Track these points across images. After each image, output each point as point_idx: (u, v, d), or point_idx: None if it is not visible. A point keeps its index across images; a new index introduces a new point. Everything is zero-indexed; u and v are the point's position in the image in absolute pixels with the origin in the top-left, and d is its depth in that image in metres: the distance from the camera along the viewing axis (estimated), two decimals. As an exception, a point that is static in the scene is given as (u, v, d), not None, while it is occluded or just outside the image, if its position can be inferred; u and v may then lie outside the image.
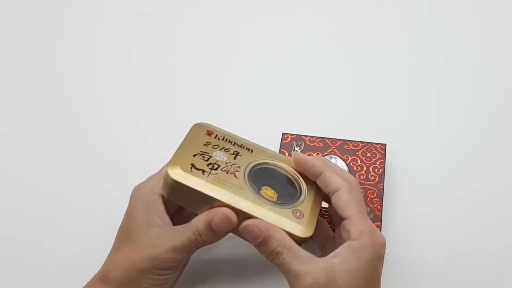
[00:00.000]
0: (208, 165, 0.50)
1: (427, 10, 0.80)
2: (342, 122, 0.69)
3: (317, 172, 0.49)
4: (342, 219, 0.48)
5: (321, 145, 0.63)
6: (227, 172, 0.49)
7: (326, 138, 0.63)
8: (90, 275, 0.51)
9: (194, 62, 0.77)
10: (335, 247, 0.48)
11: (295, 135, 0.64)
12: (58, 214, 0.63)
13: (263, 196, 0.48)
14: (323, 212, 0.55)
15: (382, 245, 0.46)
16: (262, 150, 0.53)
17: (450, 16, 0.80)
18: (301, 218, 0.48)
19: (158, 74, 0.75)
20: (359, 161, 0.61)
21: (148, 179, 0.52)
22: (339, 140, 0.63)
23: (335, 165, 0.51)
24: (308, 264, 0.44)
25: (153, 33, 0.80)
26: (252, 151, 0.52)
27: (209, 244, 0.48)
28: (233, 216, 0.46)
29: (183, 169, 0.48)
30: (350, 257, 0.45)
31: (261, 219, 0.46)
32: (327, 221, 0.54)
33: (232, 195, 0.47)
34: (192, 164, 0.49)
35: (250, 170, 0.51)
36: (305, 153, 0.62)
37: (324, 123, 0.69)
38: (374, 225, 0.47)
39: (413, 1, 0.81)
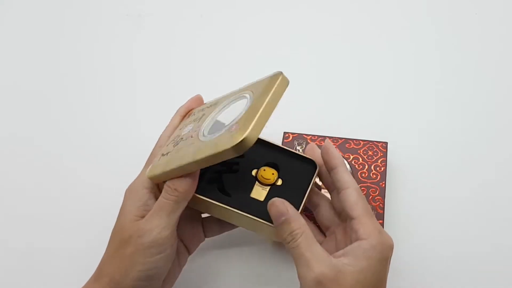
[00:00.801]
0: (174, 145, 0.50)
1: (427, 10, 0.80)
2: (344, 120, 0.69)
3: (334, 164, 0.49)
4: (343, 219, 0.49)
5: (323, 143, 0.62)
6: (186, 139, 0.49)
7: (328, 136, 0.63)
8: (90, 274, 0.51)
9: (194, 62, 0.77)
10: (333, 248, 0.48)
11: (296, 134, 0.64)
12: (58, 214, 0.63)
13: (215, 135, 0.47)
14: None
15: (391, 247, 0.46)
16: (225, 97, 0.52)
17: (450, 16, 0.80)
18: (235, 129, 0.44)
19: (158, 74, 0.75)
20: (360, 160, 0.61)
21: (139, 174, 0.52)
22: (341, 138, 0.63)
23: (345, 173, 0.50)
24: (320, 256, 0.45)
25: (153, 33, 0.80)
26: (216, 104, 0.52)
27: (185, 195, 0.48)
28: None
29: (154, 163, 0.49)
30: (360, 256, 0.45)
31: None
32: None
33: (179, 154, 0.47)
34: (162, 154, 0.50)
35: (207, 124, 0.50)
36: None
37: (325, 122, 0.69)
38: (381, 227, 0.47)
39: (413, 1, 0.81)
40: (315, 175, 0.51)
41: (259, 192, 0.51)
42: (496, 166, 0.65)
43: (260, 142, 0.52)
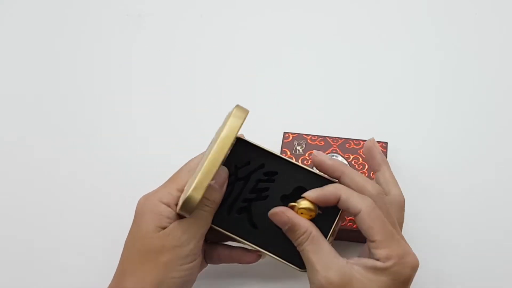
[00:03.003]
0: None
1: (427, 10, 0.80)
2: (344, 120, 0.69)
3: (335, 199, 0.46)
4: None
5: (323, 143, 0.63)
6: None
7: (328, 136, 0.63)
8: (92, 280, 0.51)
9: (194, 62, 0.77)
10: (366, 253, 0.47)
11: (296, 134, 0.64)
12: (59, 219, 0.64)
13: None
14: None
15: (412, 269, 0.45)
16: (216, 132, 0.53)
17: (450, 16, 0.80)
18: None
19: (158, 74, 0.75)
20: (360, 160, 0.61)
21: (156, 189, 0.51)
22: (341, 138, 0.63)
23: (355, 174, 0.48)
24: (326, 259, 0.44)
25: (153, 33, 0.80)
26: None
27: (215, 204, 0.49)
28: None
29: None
30: (370, 271, 0.44)
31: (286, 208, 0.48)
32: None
33: None
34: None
35: None
36: (306, 152, 0.62)
37: (325, 122, 0.69)
38: (404, 246, 0.45)
39: (413, 1, 0.81)
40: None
41: None
42: (496, 165, 0.65)
43: (290, 164, 0.51)
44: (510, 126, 0.69)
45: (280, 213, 0.47)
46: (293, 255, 0.47)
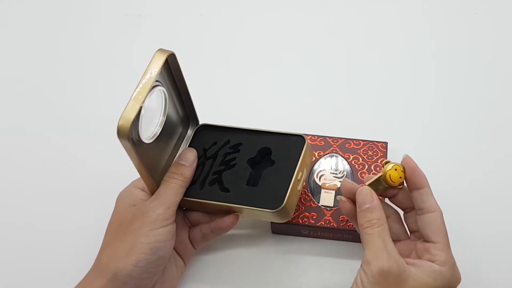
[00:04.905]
0: None
1: (426, 10, 0.80)
2: (343, 120, 0.69)
3: (421, 185, 0.50)
4: (415, 237, 0.51)
5: (323, 144, 0.63)
6: None
7: (328, 136, 0.63)
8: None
9: (194, 62, 0.76)
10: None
11: (296, 134, 0.64)
12: (60, 208, 0.64)
13: None
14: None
15: (457, 281, 0.47)
16: None
17: (450, 16, 0.80)
18: None
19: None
20: (360, 160, 0.61)
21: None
22: (341, 138, 0.63)
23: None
24: (392, 250, 0.46)
25: (153, 33, 0.80)
26: None
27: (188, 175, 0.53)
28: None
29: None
30: (428, 274, 0.46)
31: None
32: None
33: None
34: None
35: None
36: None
37: (325, 122, 0.69)
38: (455, 261, 0.48)
39: (412, 2, 0.81)
40: (304, 148, 0.55)
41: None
42: (496, 164, 0.65)
43: (252, 132, 0.57)
44: (508, 125, 0.69)
45: (369, 193, 0.49)
46: (264, 203, 0.52)
